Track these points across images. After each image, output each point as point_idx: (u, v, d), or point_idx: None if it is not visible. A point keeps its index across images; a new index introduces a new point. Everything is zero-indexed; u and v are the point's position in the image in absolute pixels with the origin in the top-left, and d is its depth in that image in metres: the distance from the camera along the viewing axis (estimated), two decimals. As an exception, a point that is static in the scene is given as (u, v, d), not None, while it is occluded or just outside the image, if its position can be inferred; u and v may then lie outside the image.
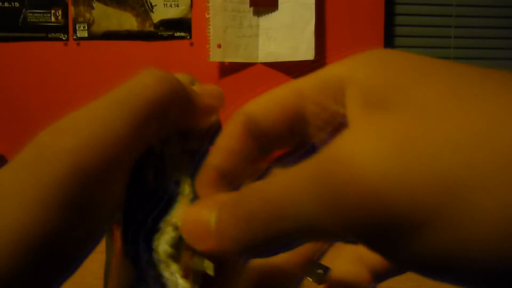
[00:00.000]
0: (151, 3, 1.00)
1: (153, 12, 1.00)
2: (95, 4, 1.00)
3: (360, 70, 0.13)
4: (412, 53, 0.13)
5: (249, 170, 0.16)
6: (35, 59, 1.02)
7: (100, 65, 1.03)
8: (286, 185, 0.12)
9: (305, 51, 0.99)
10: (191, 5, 1.01)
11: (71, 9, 1.00)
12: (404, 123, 0.10)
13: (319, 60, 1.04)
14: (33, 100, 1.03)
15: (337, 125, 0.14)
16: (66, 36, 1.01)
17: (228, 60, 1.01)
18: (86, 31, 1.01)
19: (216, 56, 0.99)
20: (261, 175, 0.16)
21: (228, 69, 1.03)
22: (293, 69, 1.04)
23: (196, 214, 0.15)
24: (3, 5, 0.99)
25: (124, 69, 1.03)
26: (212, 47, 0.99)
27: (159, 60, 1.03)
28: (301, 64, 1.01)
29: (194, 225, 0.14)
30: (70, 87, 1.03)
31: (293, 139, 0.16)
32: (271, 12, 1.01)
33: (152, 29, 1.01)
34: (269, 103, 0.16)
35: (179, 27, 1.01)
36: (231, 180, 0.16)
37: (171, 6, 1.00)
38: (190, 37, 1.02)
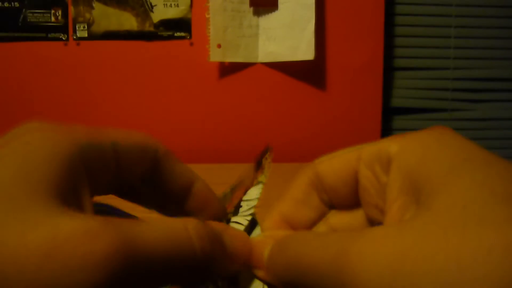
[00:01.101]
0: (151, 3, 1.00)
1: (153, 12, 1.00)
2: (95, 4, 1.00)
3: (407, 152, 0.15)
4: (467, 142, 0.14)
5: (311, 219, 0.19)
6: (35, 59, 1.02)
7: (100, 65, 1.03)
8: (314, 256, 0.14)
9: (305, 51, 0.99)
10: (191, 5, 1.01)
11: (71, 9, 1.00)
12: (414, 236, 0.11)
13: (319, 60, 1.04)
14: (33, 100, 1.03)
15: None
16: (66, 36, 1.01)
17: (228, 60, 1.01)
18: (86, 31, 1.01)
19: (216, 56, 0.99)
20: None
21: (228, 69, 1.03)
22: (293, 69, 1.04)
23: (256, 245, 0.17)
24: (3, 5, 0.99)
25: (124, 69, 1.04)
26: (212, 47, 0.99)
27: (159, 60, 1.03)
28: (301, 64, 1.01)
29: (254, 254, 0.17)
30: (70, 87, 1.03)
31: (354, 201, 0.18)
32: (271, 12, 1.01)
33: (152, 29, 1.01)
34: (335, 164, 0.18)
35: (179, 27, 1.01)
36: (293, 225, 0.19)
37: (171, 6, 1.00)
38: (190, 37, 1.02)
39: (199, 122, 1.05)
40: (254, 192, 0.24)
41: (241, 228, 0.20)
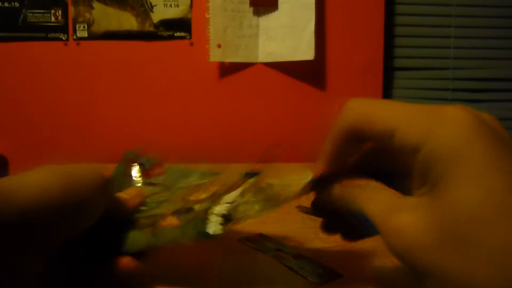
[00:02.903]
0: (151, 3, 1.00)
1: (153, 12, 1.01)
2: (95, 4, 1.00)
3: (438, 132, 0.19)
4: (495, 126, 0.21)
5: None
6: (35, 59, 1.02)
7: (100, 65, 1.03)
8: (369, 207, 0.22)
9: (305, 51, 0.99)
10: (191, 5, 1.01)
11: (71, 9, 1.00)
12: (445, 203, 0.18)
13: (319, 60, 1.04)
14: (33, 100, 1.03)
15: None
16: (66, 36, 1.01)
17: (228, 60, 1.01)
18: (86, 31, 1.01)
19: (216, 56, 0.99)
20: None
21: (228, 69, 1.03)
22: (293, 69, 1.04)
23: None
24: (3, 5, 0.99)
25: (124, 69, 1.04)
26: (212, 47, 0.99)
27: (159, 60, 1.03)
28: (301, 64, 1.01)
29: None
30: (70, 87, 1.03)
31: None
32: (271, 12, 1.01)
33: (152, 29, 1.01)
34: (372, 115, 0.22)
35: (179, 27, 1.01)
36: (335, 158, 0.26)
37: (171, 6, 1.00)
38: (190, 37, 1.02)
39: (199, 122, 1.05)
40: (232, 196, 0.29)
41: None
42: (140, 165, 0.40)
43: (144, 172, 0.39)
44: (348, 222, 0.26)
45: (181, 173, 0.42)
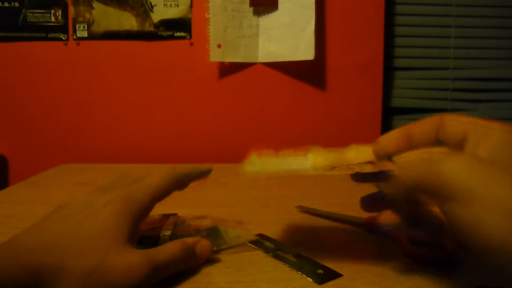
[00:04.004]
0: (151, 3, 1.00)
1: (153, 12, 1.01)
2: (95, 4, 1.00)
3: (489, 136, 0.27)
4: None
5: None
6: (35, 59, 1.02)
7: (100, 65, 1.03)
8: (421, 166, 0.28)
9: (305, 51, 0.99)
10: (191, 5, 1.01)
11: (71, 9, 1.00)
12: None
13: (319, 60, 1.04)
14: (33, 100, 1.03)
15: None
16: (66, 36, 1.01)
17: (228, 60, 1.01)
18: (86, 31, 1.01)
19: (216, 56, 0.99)
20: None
21: (228, 69, 1.03)
22: (293, 69, 1.04)
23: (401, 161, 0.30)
24: (2, 5, 0.99)
25: (124, 69, 1.04)
26: (212, 47, 0.99)
27: (159, 60, 1.03)
28: (301, 64, 1.01)
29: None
30: (70, 87, 1.03)
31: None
32: (271, 12, 1.01)
33: (152, 29, 1.01)
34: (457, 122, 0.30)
35: (179, 27, 1.01)
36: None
37: (171, 6, 1.00)
38: (190, 37, 1.02)
39: (199, 122, 1.05)
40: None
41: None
42: None
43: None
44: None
45: None
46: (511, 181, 0.23)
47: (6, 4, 0.99)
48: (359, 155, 0.33)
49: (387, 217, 0.43)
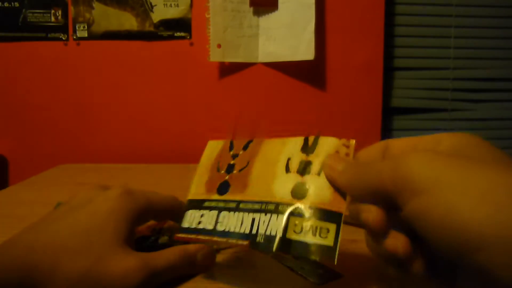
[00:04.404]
0: (151, 3, 1.00)
1: (153, 12, 1.01)
2: (95, 4, 1.00)
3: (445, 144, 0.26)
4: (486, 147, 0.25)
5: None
6: (35, 59, 1.02)
7: (100, 65, 1.03)
8: (377, 168, 0.26)
9: (305, 51, 0.99)
10: (191, 5, 1.01)
11: (71, 9, 1.00)
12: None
13: (319, 60, 1.04)
14: (33, 100, 1.03)
15: None
16: (66, 36, 1.01)
17: (228, 60, 1.01)
18: (86, 31, 1.01)
19: (216, 56, 0.99)
20: None
21: (228, 69, 1.03)
22: (293, 69, 1.04)
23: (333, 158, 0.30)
24: (3, 5, 0.99)
25: (124, 69, 1.04)
26: (212, 47, 0.99)
27: (159, 60, 1.03)
28: (301, 64, 1.01)
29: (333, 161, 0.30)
30: (70, 87, 1.03)
31: None
32: (271, 12, 1.01)
33: (152, 29, 1.01)
34: (400, 143, 0.29)
35: (179, 27, 1.01)
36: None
37: (171, 6, 1.00)
38: (190, 37, 1.02)
39: (199, 122, 1.05)
40: None
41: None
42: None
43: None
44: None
45: None
46: (478, 165, 0.21)
47: (6, 4, 0.99)
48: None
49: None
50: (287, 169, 0.32)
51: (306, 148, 0.33)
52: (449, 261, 0.22)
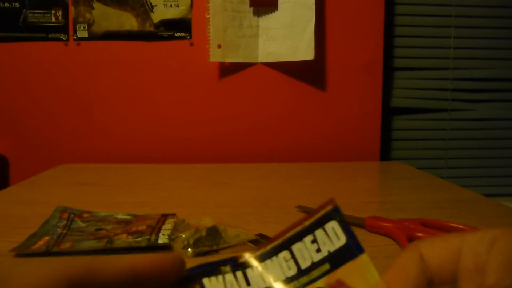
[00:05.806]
0: (151, 3, 1.00)
1: (153, 12, 1.01)
2: (95, 4, 1.00)
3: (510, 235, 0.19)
4: None
5: None
6: (35, 59, 1.02)
7: (100, 65, 1.03)
8: None
9: (305, 51, 0.99)
10: (191, 5, 1.01)
11: (71, 9, 1.00)
12: None
13: (319, 60, 1.04)
14: (33, 100, 1.03)
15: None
16: (66, 36, 1.01)
17: (228, 60, 1.01)
18: (86, 31, 1.01)
19: (216, 56, 0.99)
20: None
21: (228, 69, 1.04)
22: (293, 69, 1.04)
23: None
24: (3, 5, 0.99)
25: (125, 69, 1.04)
26: (212, 47, 0.99)
27: (159, 60, 1.03)
28: (301, 64, 1.01)
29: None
30: (70, 87, 1.03)
31: (452, 279, 0.20)
32: (271, 12, 1.01)
33: (152, 29, 1.01)
34: (438, 246, 0.20)
35: (179, 27, 1.01)
36: None
37: (171, 6, 1.01)
38: (190, 37, 1.02)
39: (199, 122, 1.05)
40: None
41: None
42: (70, 213, 0.54)
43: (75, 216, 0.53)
44: None
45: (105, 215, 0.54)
46: None
47: (6, 5, 1.00)
48: None
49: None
50: None
51: None
52: None
